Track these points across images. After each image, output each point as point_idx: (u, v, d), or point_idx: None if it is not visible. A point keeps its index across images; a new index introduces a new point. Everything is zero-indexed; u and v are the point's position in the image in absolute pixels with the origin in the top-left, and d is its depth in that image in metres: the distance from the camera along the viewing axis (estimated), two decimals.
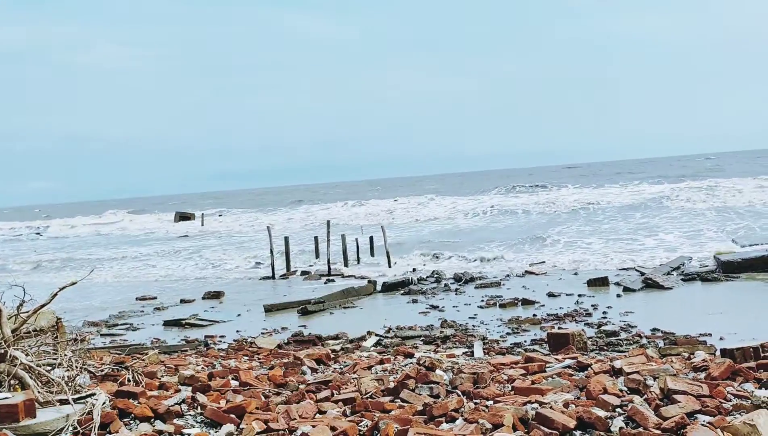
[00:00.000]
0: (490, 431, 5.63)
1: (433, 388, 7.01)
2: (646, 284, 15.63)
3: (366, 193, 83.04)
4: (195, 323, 15.24)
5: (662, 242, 23.58)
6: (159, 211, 78.54)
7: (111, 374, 7.65)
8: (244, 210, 67.86)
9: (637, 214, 33.57)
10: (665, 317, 12.36)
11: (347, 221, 42.54)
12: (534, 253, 22.92)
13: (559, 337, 9.70)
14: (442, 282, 18.50)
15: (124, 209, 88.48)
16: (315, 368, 9.04)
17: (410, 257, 24.48)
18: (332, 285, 19.67)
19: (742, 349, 7.98)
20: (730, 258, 17.30)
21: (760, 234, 23.23)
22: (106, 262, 31.38)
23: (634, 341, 10.68)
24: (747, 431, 5.20)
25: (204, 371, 8.69)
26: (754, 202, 33.69)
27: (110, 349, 10.97)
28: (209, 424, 6.36)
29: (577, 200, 44.34)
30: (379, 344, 11.60)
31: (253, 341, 12.32)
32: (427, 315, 14.33)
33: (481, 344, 10.76)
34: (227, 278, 23.17)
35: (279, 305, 16.66)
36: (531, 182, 67.21)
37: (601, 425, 5.68)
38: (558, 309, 13.87)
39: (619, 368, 7.35)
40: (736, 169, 66.72)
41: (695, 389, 6.24)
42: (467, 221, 38.49)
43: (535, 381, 7.26)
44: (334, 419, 6.13)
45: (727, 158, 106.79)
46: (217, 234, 43.42)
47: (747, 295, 14.25)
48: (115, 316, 16.90)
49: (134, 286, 22.54)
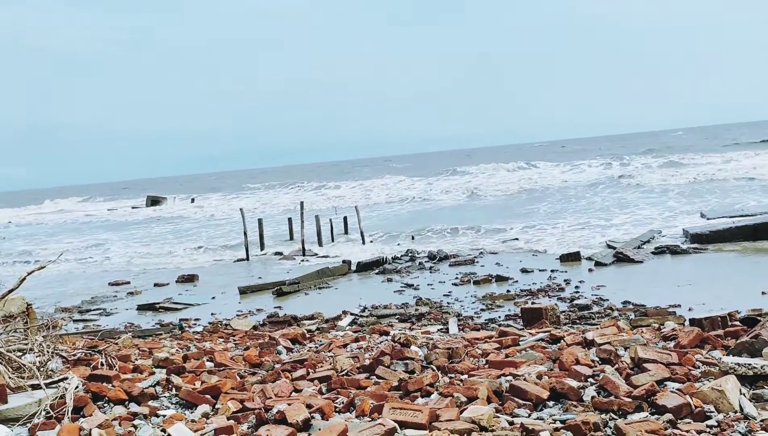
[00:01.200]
0: (464, 404, 5.68)
1: (408, 364, 7.06)
2: (617, 258, 15.83)
3: (340, 175, 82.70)
4: (169, 306, 15.15)
5: (633, 217, 23.86)
6: (129, 196, 77.81)
7: (84, 359, 7.59)
8: (218, 193, 67.40)
9: (606, 191, 33.92)
10: (636, 289, 12.55)
11: (321, 203, 42.43)
12: (507, 230, 23.05)
13: (532, 312, 9.81)
14: (417, 260, 18.56)
15: (87, 195, 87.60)
16: (290, 348, 9.04)
17: (385, 237, 24.50)
18: (307, 266, 19.64)
19: (710, 318, 8.14)
20: (699, 231, 17.59)
21: (728, 207, 23.60)
22: (76, 249, 30.98)
23: (606, 314, 10.82)
24: (715, 397, 5.31)
25: (179, 353, 8.65)
26: (720, 177, 34.18)
27: (83, 334, 10.86)
28: (185, 405, 6.34)
29: (549, 178, 44.70)
30: (355, 323, 11.63)
31: (228, 323, 12.28)
32: (402, 294, 14.38)
33: (456, 320, 10.83)
34: (200, 261, 23.01)
35: (254, 286, 16.61)
36: (507, 160, 67.43)
37: (573, 394, 5.76)
38: (531, 285, 14.01)
39: (591, 340, 7.46)
40: (704, 145, 67.66)
41: (665, 357, 6.35)
42: (442, 200, 38.58)
43: (509, 355, 7.34)
44: (310, 397, 6.15)
45: (695, 133, 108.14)
46: (189, 218, 43.06)
47: (715, 266, 14.51)
48: (87, 302, 16.73)
49: (106, 272, 22.30)
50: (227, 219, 38.41)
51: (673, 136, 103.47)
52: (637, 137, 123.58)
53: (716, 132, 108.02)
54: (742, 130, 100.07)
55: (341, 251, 21.94)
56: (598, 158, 57.81)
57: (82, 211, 58.55)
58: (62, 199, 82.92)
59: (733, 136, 76.59)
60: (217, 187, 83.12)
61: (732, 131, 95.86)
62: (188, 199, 60.12)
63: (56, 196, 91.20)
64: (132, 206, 59.98)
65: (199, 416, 5.97)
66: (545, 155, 76.87)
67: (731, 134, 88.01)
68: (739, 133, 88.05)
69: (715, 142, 70.91)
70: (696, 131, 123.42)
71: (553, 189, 37.88)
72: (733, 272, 13.77)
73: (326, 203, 40.24)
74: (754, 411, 5.21)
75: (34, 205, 78.31)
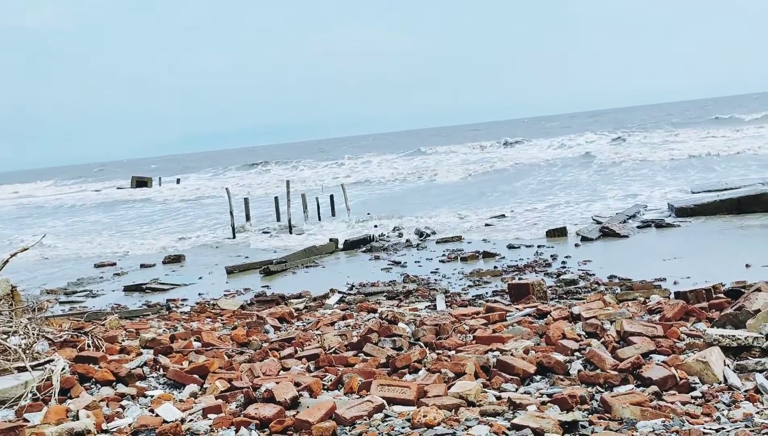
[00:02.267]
0: (452, 380, 5.71)
1: (395, 341, 7.08)
2: (603, 232, 15.90)
3: (332, 152, 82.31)
4: (156, 287, 15.09)
5: (619, 192, 23.96)
6: (116, 177, 77.17)
7: (70, 340, 7.56)
8: (204, 173, 67.01)
9: (594, 166, 34.01)
10: (622, 264, 12.61)
11: (311, 181, 42.31)
12: (494, 207, 23.09)
13: (519, 287, 9.85)
14: (404, 238, 18.57)
15: (73, 176, 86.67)
16: (278, 327, 9.05)
17: (372, 215, 24.46)
18: (294, 244, 19.60)
19: (695, 291, 8.22)
20: (684, 204, 17.69)
21: (712, 180, 23.75)
22: (62, 232, 30.76)
23: (593, 288, 10.88)
24: (700, 368, 5.37)
25: (166, 333, 8.63)
26: (704, 152, 34.33)
27: (69, 316, 10.81)
28: (172, 385, 6.34)
29: (534, 155, 44.77)
30: (342, 301, 11.64)
31: (215, 303, 12.25)
32: (389, 271, 14.40)
33: (444, 297, 10.86)
34: (187, 241, 22.90)
35: (241, 266, 16.57)
36: (495, 137, 67.36)
37: (560, 368, 5.81)
38: (518, 260, 14.06)
39: (577, 314, 7.51)
40: (686, 118, 67.91)
41: (650, 330, 6.41)
42: (430, 177, 38.55)
43: (496, 330, 7.38)
44: (298, 375, 6.16)
45: (678, 107, 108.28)
46: (175, 198, 42.80)
47: (700, 239, 14.61)
48: (73, 283, 16.63)
49: (93, 253, 22.15)
50: (214, 198, 38.21)
51: (659, 110, 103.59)
52: (612, 113, 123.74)
53: (701, 105, 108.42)
54: (720, 105, 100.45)
55: (328, 230, 21.91)
56: (580, 133, 57.83)
57: (96, 193, 57.18)
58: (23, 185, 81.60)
59: (709, 112, 76.68)
60: (191, 167, 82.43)
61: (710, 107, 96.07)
62: (173, 180, 59.71)
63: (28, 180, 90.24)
64: (117, 187, 59.51)
65: (187, 396, 5.97)
66: (524, 132, 76.86)
67: (715, 108, 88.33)
68: (717, 108, 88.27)
69: (697, 117, 71.20)
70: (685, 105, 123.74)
71: (536, 166, 37.89)
72: (718, 245, 13.87)
73: (311, 184, 40.10)
74: (738, 382, 5.27)
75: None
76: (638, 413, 4.68)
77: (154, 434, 4.98)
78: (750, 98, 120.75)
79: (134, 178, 59.79)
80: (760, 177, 22.82)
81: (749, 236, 14.49)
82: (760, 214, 16.33)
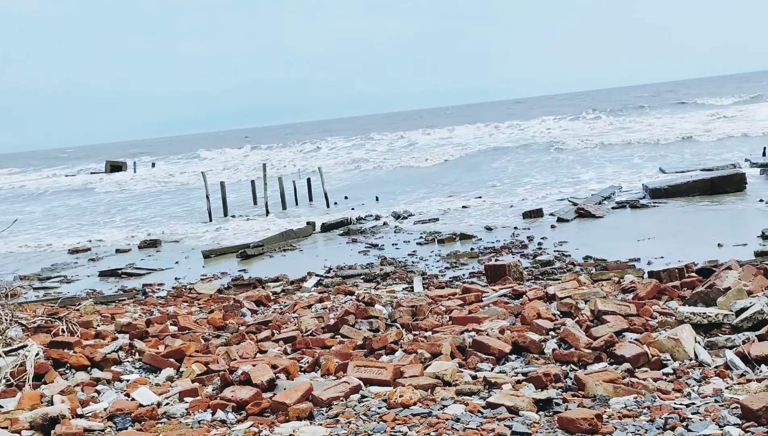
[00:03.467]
0: (428, 360, 5.75)
1: (372, 322, 7.10)
2: (579, 213, 16.04)
3: (313, 135, 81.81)
4: (132, 272, 14.97)
5: (595, 174, 24.15)
6: (89, 161, 76.08)
7: (44, 326, 7.49)
8: (179, 158, 66.32)
9: (569, 148, 34.20)
10: (597, 244, 12.74)
11: (291, 164, 42.11)
12: (471, 190, 23.17)
13: (496, 269, 9.91)
14: (381, 220, 18.58)
15: (47, 161, 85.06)
16: (255, 310, 9.04)
17: (349, 198, 24.44)
18: (271, 228, 19.53)
19: (668, 270, 8.33)
20: (658, 185, 17.88)
21: (686, 162, 24.00)
22: (37, 218, 30.35)
23: (568, 269, 10.97)
24: (671, 345, 5.45)
25: (142, 318, 8.58)
26: (678, 135, 34.66)
27: (43, 302, 10.70)
28: (148, 369, 6.32)
29: (511, 137, 44.93)
30: (320, 284, 11.64)
31: (192, 287, 12.19)
32: (367, 254, 14.41)
33: (421, 279, 10.91)
34: (161, 225, 22.71)
35: (218, 250, 16.49)
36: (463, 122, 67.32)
37: (535, 348, 5.87)
38: (495, 242, 14.14)
39: (552, 294, 7.58)
40: (663, 100, 68.46)
41: (623, 309, 6.49)
42: (407, 162, 38.53)
43: (472, 311, 7.43)
44: (275, 358, 6.17)
45: (656, 88, 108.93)
46: (150, 183, 42.36)
47: (673, 220, 14.79)
48: (47, 269, 16.46)
49: (65, 239, 21.89)
50: (188, 184, 37.87)
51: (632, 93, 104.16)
52: (600, 94, 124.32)
53: (672, 88, 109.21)
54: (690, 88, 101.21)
55: (305, 214, 21.86)
56: (558, 116, 58.05)
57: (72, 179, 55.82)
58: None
59: (677, 97, 77.20)
60: (162, 152, 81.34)
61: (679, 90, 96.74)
62: (149, 164, 59.07)
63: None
64: (91, 172, 58.74)
65: (163, 380, 5.95)
66: (502, 114, 76.99)
67: (684, 91, 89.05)
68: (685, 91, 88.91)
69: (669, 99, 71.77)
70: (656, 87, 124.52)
71: (511, 150, 38.02)
72: (691, 225, 14.05)
73: (291, 168, 39.89)
74: (709, 358, 5.36)
75: None
76: (611, 390, 4.75)
77: (129, 418, 4.96)
78: (718, 81, 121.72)
79: (108, 162, 59.05)
80: (732, 157, 23.15)
81: (721, 216, 14.70)
82: (731, 195, 16.58)
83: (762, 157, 22.18)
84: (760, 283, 6.86)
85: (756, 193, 16.37)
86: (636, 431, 4.10)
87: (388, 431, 4.36)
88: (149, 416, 4.94)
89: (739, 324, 5.77)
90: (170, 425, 4.79)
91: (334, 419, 4.64)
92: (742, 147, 26.96)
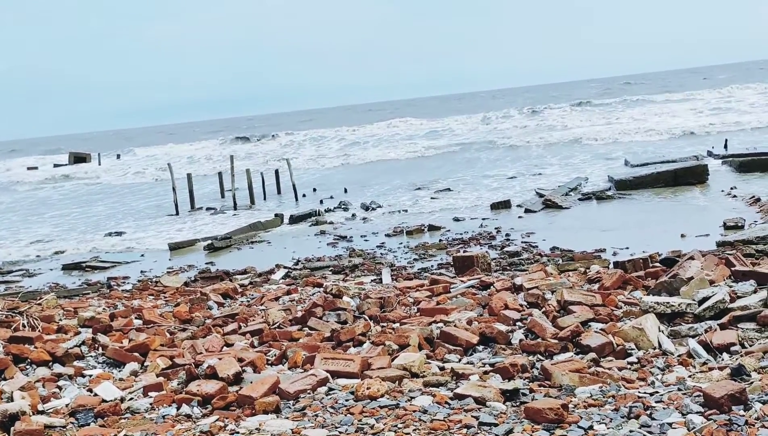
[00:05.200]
0: (396, 352, 5.74)
1: (340, 314, 7.08)
2: (546, 205, 16.17)
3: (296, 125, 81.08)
4: (96, 265, 14.73)
5: (563, 165, 24.38)
6: (51, 152, 74.58)
7: (4, 321, 7.34)
8: (147, 149, 65.36)
9: (538, 140, 34.46)
10: (564, 235, 12.85)
11: (259, 156, 41.76)
12: (440, 181, 23.21)
13: (464, 260, 9.94)
14: (350, 212, 18.54)
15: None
16: (221, 303, 8.95)
17: (317, 191, 24.33)
18: (239, 220, 19.37)
19: (632, 261, 8.43)
20: (623, 177, 18.10)
21: (650, 154, 24.33)
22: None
23: (536, 260, 11.05)
24: (635, 335, 5.51)
25: (105, 312, 8.44)
26: (645, 127, 35.11)
27: (4, 296, 10.48)
28: (112, 364, 6.22)
29: (475, 130, 45.13)
30: (288, 276, 11.57)
31: (158, 280, 12.04)
32: (335, 246, 14.36)
33: (389, 270, 10.90)
34: (129, 217, 22.39)
35: (184, 242, 16.31)
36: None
37: (502, 338, 5.90)
38: (463, 233, 14.19)
39: (519, 285, 7.62)
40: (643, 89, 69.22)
41: (589, 299, 6.55)
42: (377, 155, 38.49)
43: (440, 302, 7.43)
44: (242, 351, 6.11)
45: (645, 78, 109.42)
46: (114, 175, 41.75)
47: (638, 211, 14.98)
48: (8, 262, 16.12)
49: (26, 231, 21.47)
50: (155, 176, 37.38)
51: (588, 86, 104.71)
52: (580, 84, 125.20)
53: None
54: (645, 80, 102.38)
55: (273, 206, 21.72)
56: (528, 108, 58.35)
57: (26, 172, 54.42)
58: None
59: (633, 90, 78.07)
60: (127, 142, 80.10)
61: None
62: (113, 156, 58.14)
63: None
64: (54, 164, 57.63)
65: (127, 375, 5.86)
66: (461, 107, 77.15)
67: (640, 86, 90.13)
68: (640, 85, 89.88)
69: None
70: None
71: (481, 143, 38.20)
72: (656, 216, 14.25)
73: (256, 160, 39.56)
74: (672, 347, 5.44)
75: None
76: (577, 379, 4.78)
77: (92, 413, 4.87)
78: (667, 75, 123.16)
79: (72, 153, 58.05)
80: (694, 150, 23.52)
81: (685, 207, 14.93)
82: (694, 186, 16.86)
83: (724, 149, 22.58)
84: (722, 272, 6.98)
85: (718, 185, 16.66)
86: (601, 420, 4.14)
87: (355, 423, 4.34)
88: (112, 411, 4.86)
89: (702, 313, 5.87)
90: (134, 421, 4.72)
91: (301, 412, 4.61)
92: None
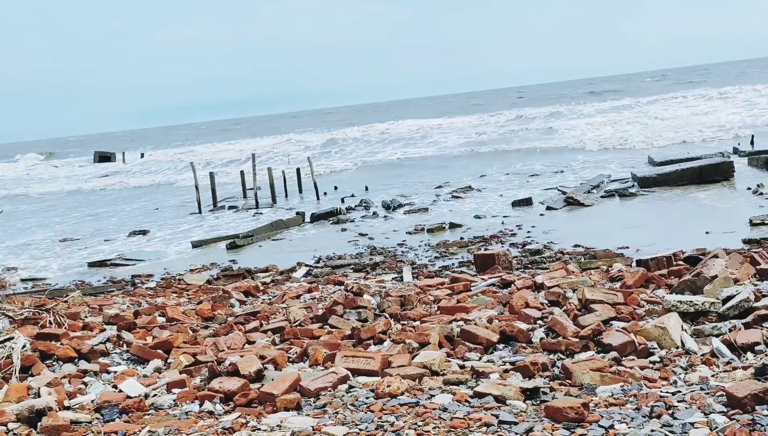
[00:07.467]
0: (416, 350, 5.76)
1: (361, 312, 7.10)
2: (568, 202, 16.07)
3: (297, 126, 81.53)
4: (121, 262, 14.90)
5: (585, 161, 24.22)
6: (75, 154, 75.45)
7: (31, 318, 7.45)
8: (169, 148, 65.98)
9: (556, 135, 34.25)
10: (586, 233, 12.77)
11: (275, 154, 41.96)
12: (461, 179, 23.16)
13: (485, 258, 9.92)
14: (371, 210, 18.56)
15: (34, 152, 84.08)
16: (243, 301, 9.02)
17: (339, 188, 24.38)
18: (260, 218, 19.49)
19: (656, 259, 8.36)
20: (647, 174, 17.93)
21: (674, 151, 24.07)
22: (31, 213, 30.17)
23: (557, 257, 10.99)
24: (658, 334, 5.48)
25: (130, 309, 8.55)
26: (667, 122, 34.76)
27: (31, 293, 10.65)
28: (136, 361, 6.30)
29: (499, 128, 44.97)
30: (310, 274, 11.62)
31: (181, 278, 12.16)
32: (356, 244, 14.39)
33: (410, 269, 10.91)
34: (153, 215, 22.62)
35: (207, 240, 16.43)
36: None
37: (522, 337, 5.89)
38: (484, 231, 14.14)
39: (540, 283, 7.60)
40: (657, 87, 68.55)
41: (611, 297, 6.51)
42: (402, 152, 38.50)
43: (460, 300, 7.44)
44: (263, 348, 6.16)
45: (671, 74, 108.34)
46: (138, 173, 42.18)
47: (662, 209, 14.84)
48: (36, 259, 16.36)
49: (55, 230, 21.78)
50: (176, 172, 37.69)
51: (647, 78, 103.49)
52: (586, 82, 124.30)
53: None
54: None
55: (295, 204, 21.80)
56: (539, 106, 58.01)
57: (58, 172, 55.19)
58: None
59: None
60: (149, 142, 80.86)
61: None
62: (138, 154, 58.73)
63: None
64: (79, 165, 58.33)
65: (151, 371, 5.94)
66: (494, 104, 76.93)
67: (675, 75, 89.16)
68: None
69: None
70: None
71: (499, 139, 38.04)
72: (679, 213, 14.10)
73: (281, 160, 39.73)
74: (695, 346, 5.39)
75: None
76: (598, 378, 4.77)
77: (117, 409, 4.95)
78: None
79: (97, 152, 58.73)
80: (720, 146, 23.24)
81: (709, 204, 14.76)
82: (719, 183, 16.66)
83: (750, 146, 22.28)
84: (747, 271, 6.91)
85: (743, 182, 16.44)
86: (622, 420, 4.12)
87: (376, 420, 4.36)
88: (137, 407, 4.93)
89: (726, 312, 5.81)
90: (158, 417, 4.78)
91: (321, 410, 4.64)
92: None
